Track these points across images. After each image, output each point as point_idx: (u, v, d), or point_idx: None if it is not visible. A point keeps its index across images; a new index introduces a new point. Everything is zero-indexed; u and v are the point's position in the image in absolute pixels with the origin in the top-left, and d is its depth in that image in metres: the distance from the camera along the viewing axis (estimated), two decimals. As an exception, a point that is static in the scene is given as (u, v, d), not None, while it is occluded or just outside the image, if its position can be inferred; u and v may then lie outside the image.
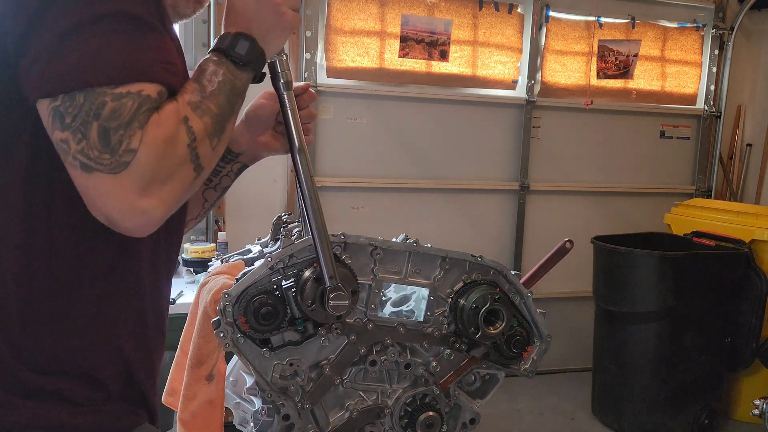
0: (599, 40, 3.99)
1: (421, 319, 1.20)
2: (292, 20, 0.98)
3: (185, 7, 1.04)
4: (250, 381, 1.18)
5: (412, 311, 1.21)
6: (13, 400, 0.85)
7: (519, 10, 3.83)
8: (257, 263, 1.11)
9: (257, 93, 1.20)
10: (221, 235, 3.16)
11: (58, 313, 0.88)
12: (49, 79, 0.78)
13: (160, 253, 1.00)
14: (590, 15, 3.94)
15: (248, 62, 0.93)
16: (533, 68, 3.88)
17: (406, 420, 1.21)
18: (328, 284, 1.06)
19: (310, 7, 3.43)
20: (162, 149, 0.80)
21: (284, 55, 1.05)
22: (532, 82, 3.88)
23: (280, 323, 1.09)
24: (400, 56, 3.64)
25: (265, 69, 1.00)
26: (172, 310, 2.41)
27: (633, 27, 4.06)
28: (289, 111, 1.06)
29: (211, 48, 0.94)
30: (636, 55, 4.10)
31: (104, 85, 0.78)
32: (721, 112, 4.28)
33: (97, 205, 0.80)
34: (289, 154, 1.08)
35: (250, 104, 1.24)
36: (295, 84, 1.20)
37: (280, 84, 1.05)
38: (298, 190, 1.08)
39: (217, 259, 1.39)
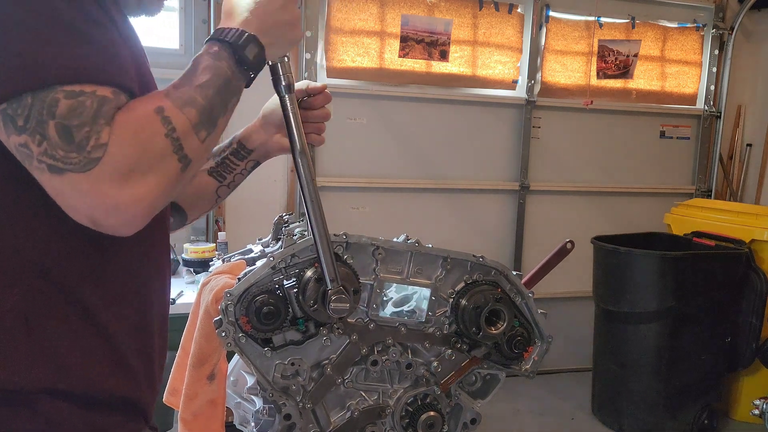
0: (599, 40, 3.99)
1: (423, 319, 1.20)
2: (299, 36, 0.98)
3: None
4: (251, 380, 1.18)
5: (413, 311, 1.21)
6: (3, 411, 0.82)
7: (519, 10, 3.83)
8: (259, 263, 1.11)
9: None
10: (221, 235, 3.16)
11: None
12: None
13: (156, 253, 0.98)
14: (590, 15, 3.94)
15: (252, 68, 0.91)
16: (533, 68, 3.88)
17: (407, 420, 1.21)
18: (329, 287, 1.05)
19: (310, 7, 3.43)
20: (135, 140, 0.76)
21: (286, 58, 1.04)
22: (532, 82, 3.88)
23: (282, 323, 1.09)
24: (400, 56, 3.64)
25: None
26: (172, 310, 2.42)
27: (633, 27, 4.06)
28: (290, 114, 1.05)
29: (211, 37, 0.91)
30: (636, 55, 4.10)
31: (53, 84, 0.73)
32: (721, 112, 4.28)
33: (76, 207, 0.76)
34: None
35: (268, 102, 1.24)
36: (312, 84, 1.20)
37: (282, 87, 1.03)
38: (300, 192, 1.07)
39: (219, 259, 1.40)
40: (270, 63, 1.00)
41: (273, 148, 1.25)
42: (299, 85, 1.18)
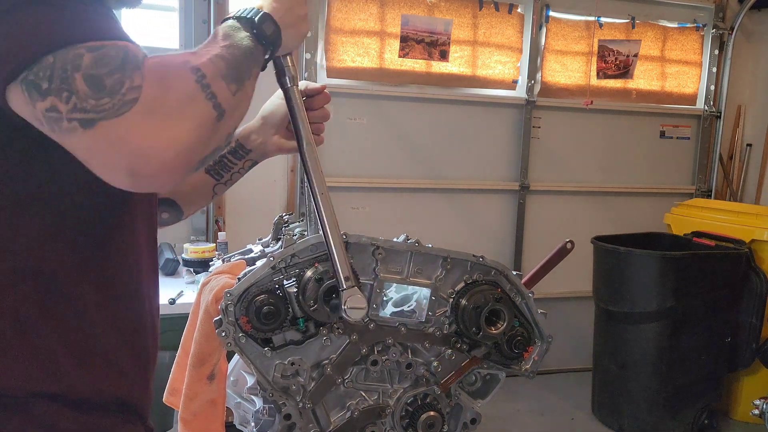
0: (599, 40, 3.99)
1: (423, 319, 1.20)
2: (307, 31, 1.00)
3: None
4: (251, 380, 1.18)
5: (413, 311, 1.21)
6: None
7: (519, 10, 3.83)
8: (259, 263, 1.11)
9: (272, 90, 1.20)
10: (221, 235, 3.16)
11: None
12: (8, 59, 0.70)
13: (146, 252, 0.97)
14: (590, 15, 3.94)
15: (269, 43, 0.92)
16: (533, 68, 3.88)
17: (407, 420, 1.21)
18: (344, 287, 1.02)
19: (310, 7, 3.43)
20: (167, 83, 0.74)
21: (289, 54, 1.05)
22: (532, 82, 3.88)
23: (282, 323, 1.09)
24: (400, 56, 3.64)
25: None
26: (172, 310, 2.42)
27: (633, 27, 4.06)
28: (295, 106, 1.05)
29: (228, 17, 0.91)
30: (636, 55, 4.10)
31: (73, 43, 0.71)
32: (721, 112, 4.28)
33: (112, 161, 0.72)
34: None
35: (266, 103, 1.25)
36: (311, 85, 1.21)
37: (286, 79, 1.04)
38: (307, 186, 1.06)
39: (219, 259, 1.40)
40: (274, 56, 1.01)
41: (271, 148, 1.26)
42: (299, 85, 1.19)
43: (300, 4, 0.98)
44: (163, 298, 2.57)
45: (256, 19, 0.90)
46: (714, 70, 4.26)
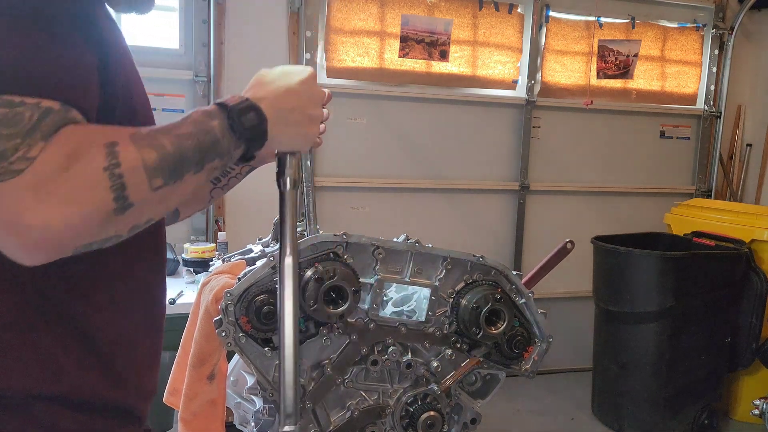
0: (599, 40, 3.99)
1: (423, 319, 1.20)
2: (314, 135, 0.94)
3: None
4: (251, 380, 1.18)
5: (413, 311, 1.21)
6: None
7: (519, 10, 3.83)
8: (259, 263, 1.11)
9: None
10: (221, 235, 3.16)
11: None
12: None
13: (149, 257, 0.96)
14: (590, 15, 3.94)
15: (245, 138, 0.84)
16: (533, 68, 3.88)
17: (407, 420, 1.21)
18: (283, 427, 0.91)
19: (310, 7, 3.43)
20: (67, 162, 0.69)
21: (298, 153, 0.99)
22: (532, 82, 3.88)
23: (282, 323, 1.09)
24: (400, 56, 3.64)
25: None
26: (172, 310, 2.42)
27: (633, 27, 4.06)
28: (287, 212, 0.99)
29: (221, 100, 0.86)
30: (636, 55, 4.10)
31: None
32: (721, 112, 4.28)
33: None
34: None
35: None
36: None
37: (282, 181, 0.98)
38: (279, 300, 0.95)
39: (219, 259, 1.40)
40: (277, 152, 0.96)
41: (269, 155, 1.24)
42: None
43: (312, 103, 0.92)
44: (163, 298, 2.57)
45: (238, 108, 0.84)
46: (714, 70, 4.26)
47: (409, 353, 1.20)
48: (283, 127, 0.89)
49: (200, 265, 2.85)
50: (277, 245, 1.22)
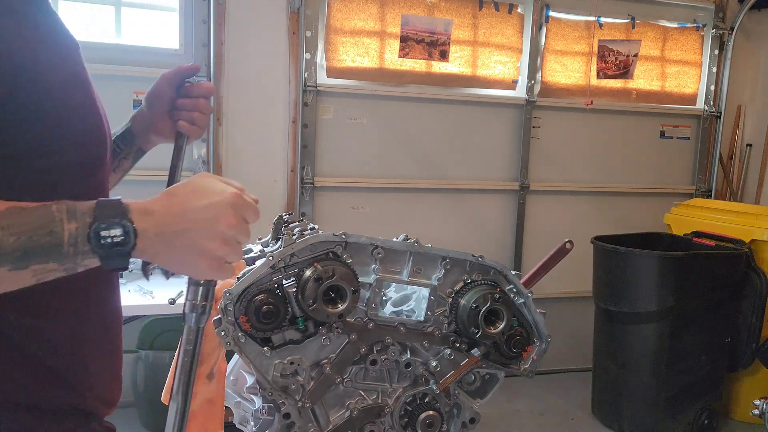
0: (599, 40, 4.00)
1: (422, 318, 1.20)
2: (208, 274, 0.81)
3: None
4: (250, 380, 1.19)
5: (412, 311, 1.21)
6: None
7: (519, 10, 3.83)
8: (258, 262, 1.11)
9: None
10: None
11: None
12: None
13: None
14: (590, 15, 3.94)
15: (100, 254, 0.74)
16: (533, 68, 3.88)
17: (406, 419, 1.21)
18: None
19: (310, 7, 3.43)
20: None
21: (212, 283, 0.89)
22: (532, 82, 3.88)
23: (281, 322, 1.09)
24: (400, 56, 3.64)
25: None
26: (172, 310, 2.41)
27: (633, 27, 4.06)
28: (181, 353, 0.92)
29: (98, 201, 0.76)
30: (636, 55, 4.10)
31: None
32: (721, 112, 4.28)
33: None
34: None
35: (150, 88, 1.20)
36: (184, 65, 1.19)
37: (185, 311, 0.90)
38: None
39: (218, 259, 1.39)
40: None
41: (156, 135, 1.22)
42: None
43: (211, 233, 0.78)
44: (163, 298, 2.58)
45: (103, 219, 0.74)
46: (714, 70, 4.26)
47: (408, 353, 1.20)
48: (166, 251, 0.78)
49: (200, 265, 2.84)
50: (277, 245, 1.22)
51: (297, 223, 1.28)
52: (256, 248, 1.33)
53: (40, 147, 0.83)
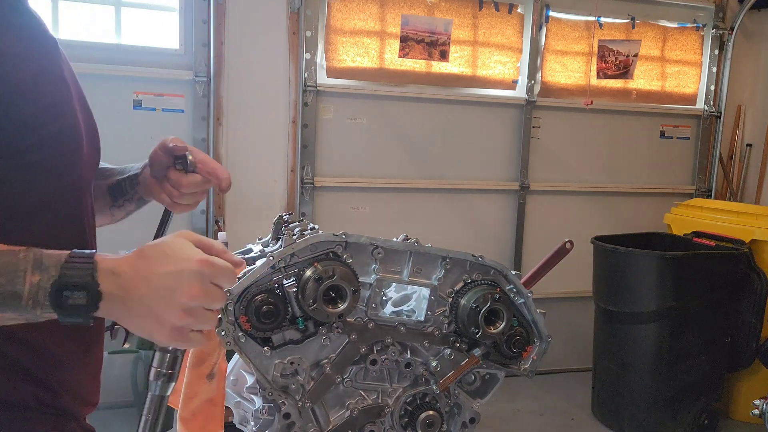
0: (599, 40, 4.00)
1: (422, 318, 1.20)
2: (182, 341, 0.78)
3: None
4: (250, 380, 1.19)
5: (412, 311, 1.21)
6: None
7: (519, 10, 3.83)
8: (258, 262, 1.11)
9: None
10: (221, 235, 3.16)
11: None
12: None
13: None
14: (590, 15, 3.94)
15: (61, 314, 0.73)
16: (533, 68, 3.88)
17: (407, 419, 1.21)
18: None
19: (310, 7, 3.43)
20: None
21: (180, 351, 0.86)
22: (532, 82, 3.88)
23: (282, 322, 1.09)
24: (400, 56, 3.64)
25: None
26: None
27: (633, 27, 4.06)
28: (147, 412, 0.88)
29: (70, 254, 0.74)
30: (636, 55, 4.10)
31: None
32: (721, 112, 4.28)
33: None
34: None
35: (152, 150, 1.16)
36: (174, 144, 1.12)
37: (151, 378, 0.87)
38: None
39: (218, 259, 1.39)
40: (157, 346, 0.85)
41: (148, 195, 1.20)
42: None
43: (171, 303, 0.74)
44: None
45: (67, 279, 0.72)
46: (714, 70, 4.26)
47: (408, 353, 1.20)
48: (127, 315, 0.76)
49: (200, 265, 2.85)
50: (277, 245, 1.22)
51: (297, 223, 1.28)
52: (257, 248, 1.33)
53: (11, 145, 0.82)
